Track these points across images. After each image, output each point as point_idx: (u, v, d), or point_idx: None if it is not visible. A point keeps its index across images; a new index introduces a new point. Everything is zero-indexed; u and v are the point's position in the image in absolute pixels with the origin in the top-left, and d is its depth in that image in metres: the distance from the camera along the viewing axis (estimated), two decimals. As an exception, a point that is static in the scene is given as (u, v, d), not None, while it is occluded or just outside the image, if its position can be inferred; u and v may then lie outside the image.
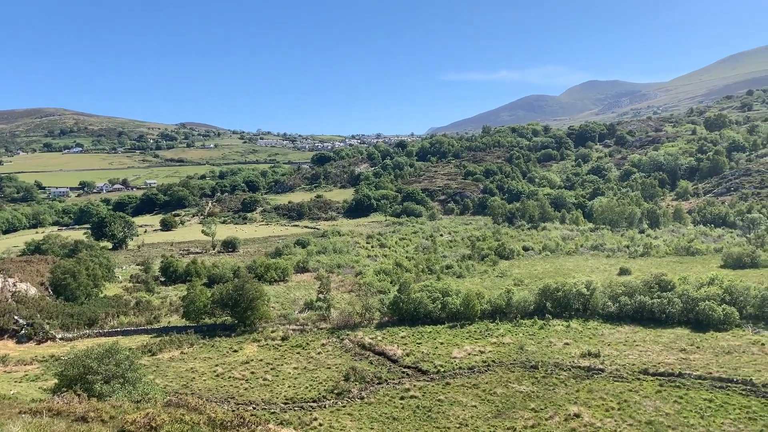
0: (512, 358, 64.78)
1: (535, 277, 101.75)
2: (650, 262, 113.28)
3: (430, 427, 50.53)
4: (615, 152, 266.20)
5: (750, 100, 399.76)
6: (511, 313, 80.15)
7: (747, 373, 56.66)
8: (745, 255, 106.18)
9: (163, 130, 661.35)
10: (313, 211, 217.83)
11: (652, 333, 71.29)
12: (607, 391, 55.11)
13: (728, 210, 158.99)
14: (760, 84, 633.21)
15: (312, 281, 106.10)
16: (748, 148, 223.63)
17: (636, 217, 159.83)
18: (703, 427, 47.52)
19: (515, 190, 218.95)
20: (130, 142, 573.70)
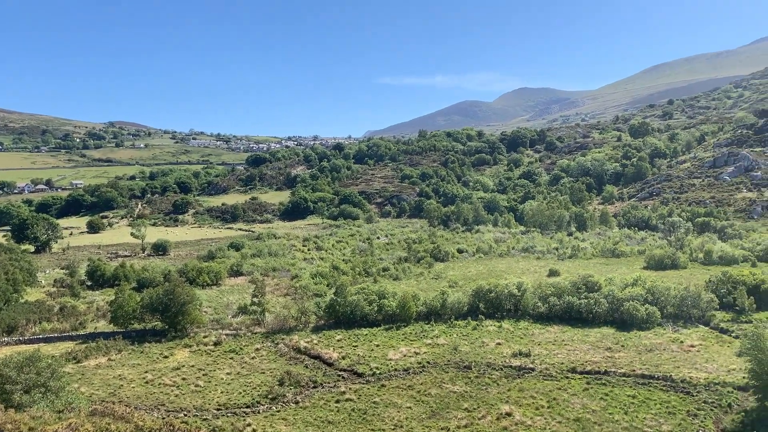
0: (446, 358, 65.69)
1: (469, 278, 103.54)
2: (578, 263, 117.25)
3: (365, 429, 50.64)
4: (545, 157, 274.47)
5: (671, 109, 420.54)
6: (445, 314, 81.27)
7: (667, 370, 59.44)
8: (666, 257, 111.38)
9: (91, 129, 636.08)
10: (248, 214, 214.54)
11: (579, 332, 73.79)
12: (537, 390, 56.67)
13: (651, 214, 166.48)
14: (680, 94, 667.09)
15: (246, 285, 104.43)
16: (669, 155, 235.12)
17: (565, 220, 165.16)
18: (627, 423, 49.54)
19: (450, 193, 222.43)
20: (55, 141, 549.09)
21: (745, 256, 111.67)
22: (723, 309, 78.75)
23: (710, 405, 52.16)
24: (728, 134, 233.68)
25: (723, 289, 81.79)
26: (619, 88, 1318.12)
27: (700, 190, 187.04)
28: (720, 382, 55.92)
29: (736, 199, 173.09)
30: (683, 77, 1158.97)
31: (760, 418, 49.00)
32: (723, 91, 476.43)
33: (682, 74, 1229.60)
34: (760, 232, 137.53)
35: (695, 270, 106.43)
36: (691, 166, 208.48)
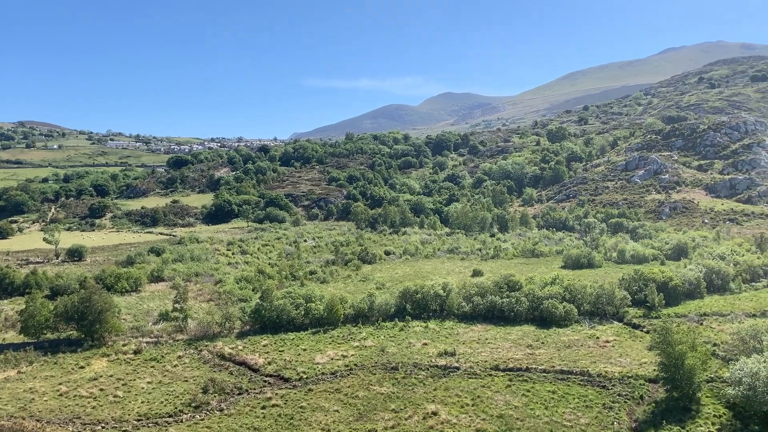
0: (374, 360, 66.03)
1: (396, 280, 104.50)
2: (500, 263, 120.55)
3: (293, 434, 50.15)
4: (468, 161, 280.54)
5: (586, 115, 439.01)
6: (373, 316, 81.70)
7: (584, 365, 62.04)
8: (582, 256, 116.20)
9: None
10: (169, 217, 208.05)
11: (502, 331, 75.90)
12: (462, 388, 57.85)
13: (568, 215, 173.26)
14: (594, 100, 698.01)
15: (168, 291, 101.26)
16: (584, 159, 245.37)
17: (487, 221, 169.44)
18: (548, 417, 51.36)
19: (377, 195, 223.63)
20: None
21: (654, 254, 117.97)
22: (635, 305, 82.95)
23: (624, 397, 54.80)
24: (639, 139, 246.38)
25: (635, 287, 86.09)
26: (537, 94, 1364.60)
27: (613, 193, 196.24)
28: (633, 375, 58.86)
29: (647, 201, 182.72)
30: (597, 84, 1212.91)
31: (669, 408, 51.93)
32: (634, 98, 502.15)
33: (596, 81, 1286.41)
34: (668, 232, 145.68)
35: (609, 269, 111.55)
36: (605, 169, 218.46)
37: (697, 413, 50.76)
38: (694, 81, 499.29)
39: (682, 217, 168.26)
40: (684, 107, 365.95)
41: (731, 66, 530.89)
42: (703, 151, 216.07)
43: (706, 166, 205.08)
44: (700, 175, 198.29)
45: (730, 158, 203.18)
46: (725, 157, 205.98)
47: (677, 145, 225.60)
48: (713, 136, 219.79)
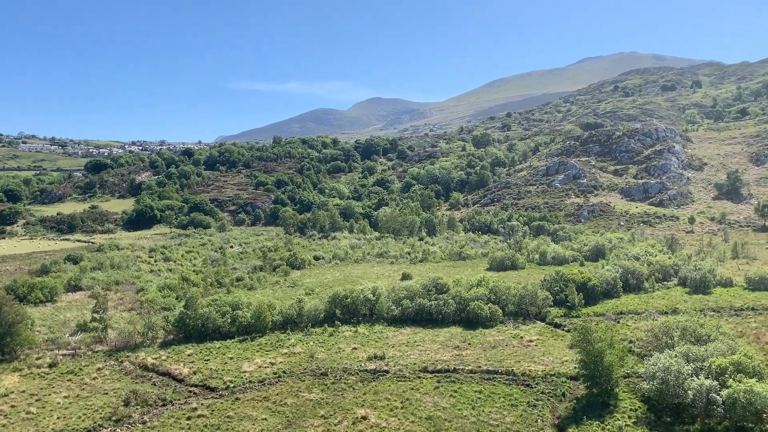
0: (303, 367, 65.44)
1: (325, 285, 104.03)
2: (428, 267, 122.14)
3: (220, 445, 48.97)
4: (397, 165, 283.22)
5: (509, 122, 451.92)
6: (302, 322, 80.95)
7: (509, 365, 63.67)
8: (506, 258, 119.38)
9: None
10: (88, 224, 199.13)
11: (430, 333, 76.87)
12: (391, 392, 58.18)
13: (492, 218, 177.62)
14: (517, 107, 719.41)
15: (86, 300, 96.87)
16: (508, 164, 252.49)
17: (416, 225, 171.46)
18: (475, 417, 52.37)
19: (306, 200, 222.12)
20: None
21: (574, 256, 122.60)
22: (557, 305, 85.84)
23: (547, 395, 56.59)
24: (559, 145, 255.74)
25: (556, 287, 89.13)
26: (463, 100, 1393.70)
27: (535, 197, 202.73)
28: (555, 373, 60.88)
29: (566, 205, 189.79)
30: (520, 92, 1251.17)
31: (589, 404, 54.02)
32: (554, 106, 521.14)
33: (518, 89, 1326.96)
34: (587, 234, 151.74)
35: (532, 270, 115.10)
36: (528, 174, 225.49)
37: (615, 408, 53.02)
38: (610, 89, 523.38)
39: (600, 219, 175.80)
40: (601, 114, 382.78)
41: (644, 76, 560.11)
42: (618, 156, 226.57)
43: (621, 170, 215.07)
44: (615, 180, 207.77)
45: (643, 163, 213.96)
46: (639, 162, 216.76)
47: (594, 150, 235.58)
48: (628, 142, 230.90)
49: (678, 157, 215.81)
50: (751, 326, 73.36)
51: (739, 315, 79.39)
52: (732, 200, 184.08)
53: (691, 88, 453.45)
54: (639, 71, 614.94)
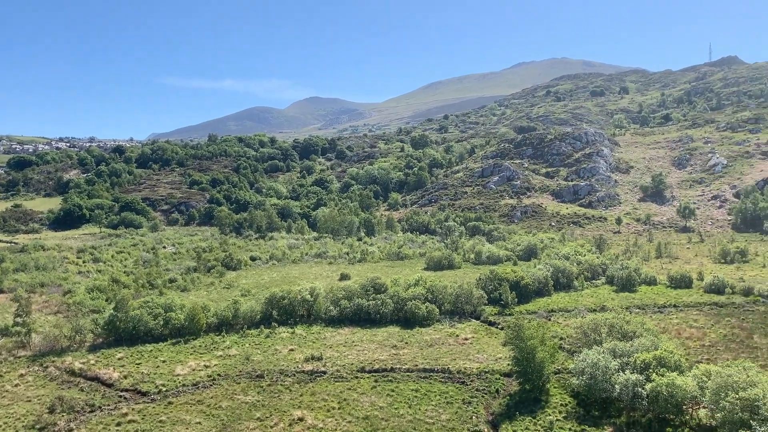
0: (238, 369, 64.47)
1: (262, 286, 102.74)
2: (367, 267, 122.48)
3: (151, 451, 47.67)
4: (336, 165, 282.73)
5: (446, 123, 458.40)
6: (238, 324, 79.73)
7: (445, 363, 64.65)
8: (443, 258, 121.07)
9: None
10: (10, 223, 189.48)
11: (368, 333, 77.15)
12: (329, 392, 58.08)
13: (430, 219, 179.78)
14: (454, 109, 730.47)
15: (8, 303, 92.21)
16: (445, 165, 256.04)
17: (354, 226, 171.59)
18: (411, 416, 52.93)
19: (243, 200, 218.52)
20: None
21: (508, 255, 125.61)
22: (491, 303, 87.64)
23: (482, 392, 57.77)
24: (493, 147, 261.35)
25: (491, 286, 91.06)
26: (401, 102, 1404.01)
27: (471, 198, 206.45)
28: (489, 370, 62.23)
29: (501, 205, 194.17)
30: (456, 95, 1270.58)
31: (522, 400, 55.50)
32: (489, 109, 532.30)
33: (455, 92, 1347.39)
34: (520, 234, 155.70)
35: (468, 269, 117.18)
36: (464, 175, 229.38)
37: (546, 403, 54.66)
38: (542, 94, 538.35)
39: (532, 220, 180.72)
40: (534, 118, 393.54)
41: (574, 81, 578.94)
42: (550, 159, 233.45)
43: (552, 173, 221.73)
44: (547, 182, 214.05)
45: (573, 166, 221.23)
46: (569, 165, 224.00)
47: (527, 153, 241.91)
48: (559, 145, 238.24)
49: (606, 160, 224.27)
50: (673, 322, 77.09)
51: (662, 312, 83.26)
52: (656, 202, 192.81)
53: (619, 94, 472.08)
54: (570, 77, 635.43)
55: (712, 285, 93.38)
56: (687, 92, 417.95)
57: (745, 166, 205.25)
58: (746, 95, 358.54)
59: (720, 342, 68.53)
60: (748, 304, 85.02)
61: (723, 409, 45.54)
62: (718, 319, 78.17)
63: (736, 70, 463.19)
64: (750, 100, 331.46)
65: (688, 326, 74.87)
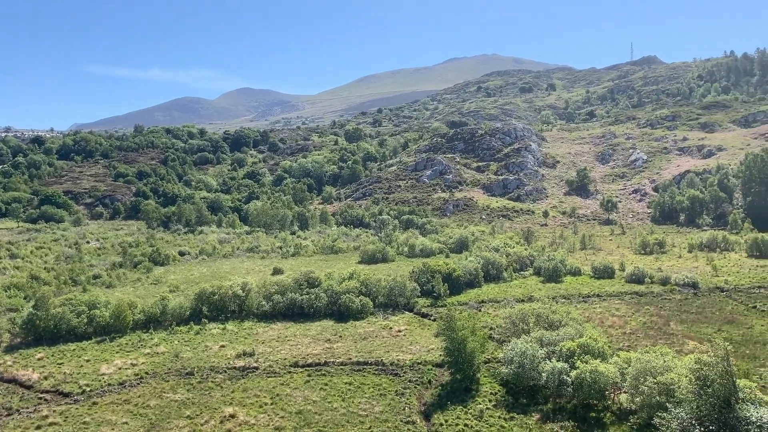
0: (167, 367, 62.79)
1: (192, 282, 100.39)
2: (300, 261, 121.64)
3: (74, 454, 45.82)
4: (268, 158, 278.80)
5: (380, 117, 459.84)
6: (166, 321, 77.62)
7: (379, 355, 65.06)
8: (377, 251, 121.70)
9: None
10: None
11: (302, 327, 76.71)
12: (261, 388, 57.41)
13: (364, 212, 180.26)
14: (387, 103, 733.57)
15: None
16: (379, 159, 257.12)
17: (288, 219, 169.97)
18: (344, 409, 53.01)
19: (171, 193, 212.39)
20: None
21: (440, 248, 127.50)
22: (424, 295, 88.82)
23: (414, 383, 58.47)
24: (426, 142, 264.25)
25: (424, 278, 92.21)
26: (335, 95, 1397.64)
27: (404, 191, 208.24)
28: (422, 361, 63.05)
29: (433, 199, 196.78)
30: (390, 89, 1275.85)
31: (453, 389, 56.53)
32: (422, 103, 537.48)
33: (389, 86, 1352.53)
34: (452, 227, 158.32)
35: (401, 262, 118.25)
36: (398, 169, 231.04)
37: (476, 392, 55.88)
38: (473, 90, 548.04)
39: (464, 213, 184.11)
40: (465, 113, 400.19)
41: (504, 77, 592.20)
42: (481, 153, 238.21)
43: (483, 167, 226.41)
44: (478, 176, 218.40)
45: (503, 161, 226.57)
46: (499, 159, 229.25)
47: (459, 148, 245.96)
48: (489, 140, 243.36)
49: (534, 155, 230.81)
50: (596, 311, 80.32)
51: (586, 301, 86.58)
52: (581, 196, 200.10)
53: (546, 91, 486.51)
54: (500, 73, 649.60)
55: (632, 275, 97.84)
56: (610, 90, 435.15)
57: (663, 162, 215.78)
58: (665, 93, 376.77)
59: (640, 329, 71.92)
60: (665, 293, 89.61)
61: (642, 393, 47.81)
62: (638, 307, 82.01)
63: (655, 70, 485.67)
64: (668, 99, 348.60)
65: (610, 315, 78.15)
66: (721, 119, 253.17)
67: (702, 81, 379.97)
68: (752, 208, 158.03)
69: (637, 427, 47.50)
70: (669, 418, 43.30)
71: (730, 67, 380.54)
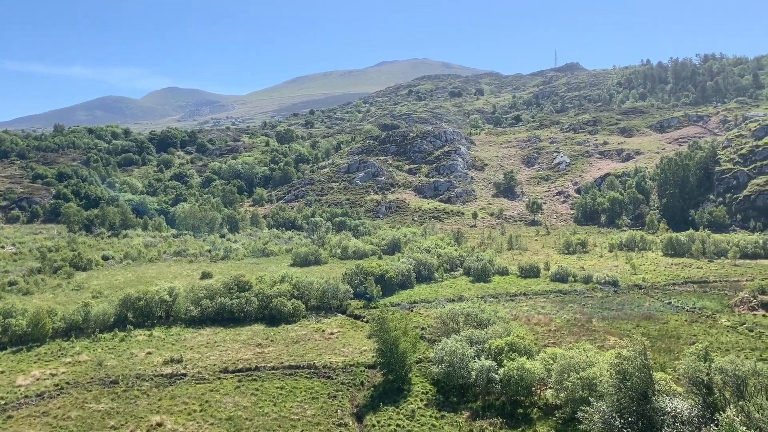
0: (90, 376, 60.36)
1: (116, 287, 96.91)
2: (230, 264, 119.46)
3: (-12, 471, 43.41)
4: (197, 159, 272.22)
5: (312, 119, 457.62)
6: (89, 328, 74.66)
7: (311, 358, 64.78)
8: (310, 254, 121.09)
9: None
10: None
11: (232, 332, 75.38)
12: (189, 395, 56.07)
13: (296, 214, 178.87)
14: (319, 105, 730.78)
15: None
16: (311, 160, 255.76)
17: (217, 222, 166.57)
18: (276, 413, 52.50)
19: (94, 195, 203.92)
20: None
21: (373, 250, 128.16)
22: (357, 297, 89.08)
23: (347, 385, 58.56)
24: (359, 144, 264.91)
25: (356, 280, 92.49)
26: (266, 95, 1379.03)
27: (337, 193, 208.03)
28: (355, 363, 63.21)
29: (366, 201, 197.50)
30: (322, 90, 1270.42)
31: (386, 390, 56.98)
32: (355, 106, 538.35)
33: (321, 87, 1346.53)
34: (384, 229, 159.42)
35: (334, 264, 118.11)
36: (330, 171, 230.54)
37: (408, 392, 56.53)
38: (405, 93, 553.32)
39: (396, 215, 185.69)
40: (397, 116, 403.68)
41: (434, 82, 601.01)
42: (412, 156, 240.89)
43: (415, 169, 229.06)
44: (410, 178, 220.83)
45: (434, 163, 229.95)
46: (430, 162, 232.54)
47: (391, 150, 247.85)
48: (420, 143, 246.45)
49: (464, 158, 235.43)
50: (523, 309, 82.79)
51: (513, 300, 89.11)
52: (508, 197, 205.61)
53: (475, 95, 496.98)
54: (431, 77, 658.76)
55: (557, 274, 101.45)
56: (535, 95, 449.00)
57: (585, 165, 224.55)
58: (586, 99, 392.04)
59: (564, 327, 74.61)
60: (587, 291, 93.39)
61: (566, 388, 49.65)
62: (563, 305, 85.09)
63: (578, 76, 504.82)
64: (590, 104, 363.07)
65: (536, 313, 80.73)
66: (639, 124, 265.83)
67: (621, 88, 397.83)
68: (667, 209, 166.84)
69: (562, 421, 49.26)
70: (591, 411, 45.15)
71: (647, 75, 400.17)
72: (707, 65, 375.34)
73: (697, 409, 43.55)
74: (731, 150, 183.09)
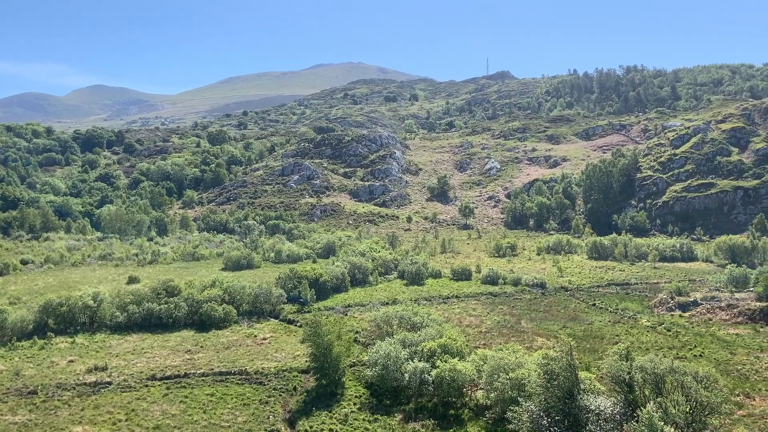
0: (6, 386, 57.24)
1: (36, 293, 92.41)
2: (159, 269, 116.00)
3: None
4: (124, 160, 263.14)
5: (245, 120, 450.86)
6: (5, 336, 70.83)
7: (243, 364, 63.68)
8: (242, 258, 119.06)
9: None
10: None
11: (160, 338, 73.21)
12: (114, 404, 54.05)
13: (228, 217, 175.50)
14: (253, 106, 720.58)
15: None
16: (244, 162, 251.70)
17: (145, 225, 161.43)
18: (206, 421, 51.28)
19: (12, 196, 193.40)
20: None
21: (308, 253, 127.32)
22: (290, 302, 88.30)
23: (279, 391, 57.87)
24: (294, 146, 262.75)
25: (290, 284, 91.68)
26: (197, 95, 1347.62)
27: (271, 196, 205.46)
28: (287, 368, 62.57)
29: (301, 204, 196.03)
30: (256, 91, 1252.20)
31: (318, 395, 56.67)
32: (289, 108, 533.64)
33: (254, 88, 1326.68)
34: (320, 232, 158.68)
35: (268, 268, 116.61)
36: (264, 173, 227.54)
37: (342, 396, 56.42)
38: (340, 96, 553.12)
39: (331, 218, 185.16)
40: (332, 119, 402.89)
41: (370, 86, 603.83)
42: (348, 159, 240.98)
43: (350, 173, 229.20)
44: (345, 182, 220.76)
45: (369, 167, 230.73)
46: (366, 165, 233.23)
47: (327, 153, 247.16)
48: (356, 147, 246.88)
49: (398, 162, 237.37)
50: (455, 311, 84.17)
51: (446, 302, 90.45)
52: (441, 201, 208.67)
53: (410, 101, 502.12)
54: (366, 81, 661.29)
55: (487, 277, 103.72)
56: (468, 102, 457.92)
57: (515, 170, 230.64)
58: (516, 107, 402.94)
59: (494, 328, 76.32)
60: (517, 293, 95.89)
61: (496, 389, 50.79)
62: (493, 307, 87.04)
63: (508, 84, 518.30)
64: (519, 112, 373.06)
65: (468, 315, 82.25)
66: (566, 132, 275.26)
67: (549, 96, 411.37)
68: (592, 213, 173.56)
69: (492, 421, 50.33)
70: (520, 411, 46.37)
71: (574, 84, 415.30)
72: (630, 76, 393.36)
73: (619, 407, 45.47)
74: (651, 158, 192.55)
